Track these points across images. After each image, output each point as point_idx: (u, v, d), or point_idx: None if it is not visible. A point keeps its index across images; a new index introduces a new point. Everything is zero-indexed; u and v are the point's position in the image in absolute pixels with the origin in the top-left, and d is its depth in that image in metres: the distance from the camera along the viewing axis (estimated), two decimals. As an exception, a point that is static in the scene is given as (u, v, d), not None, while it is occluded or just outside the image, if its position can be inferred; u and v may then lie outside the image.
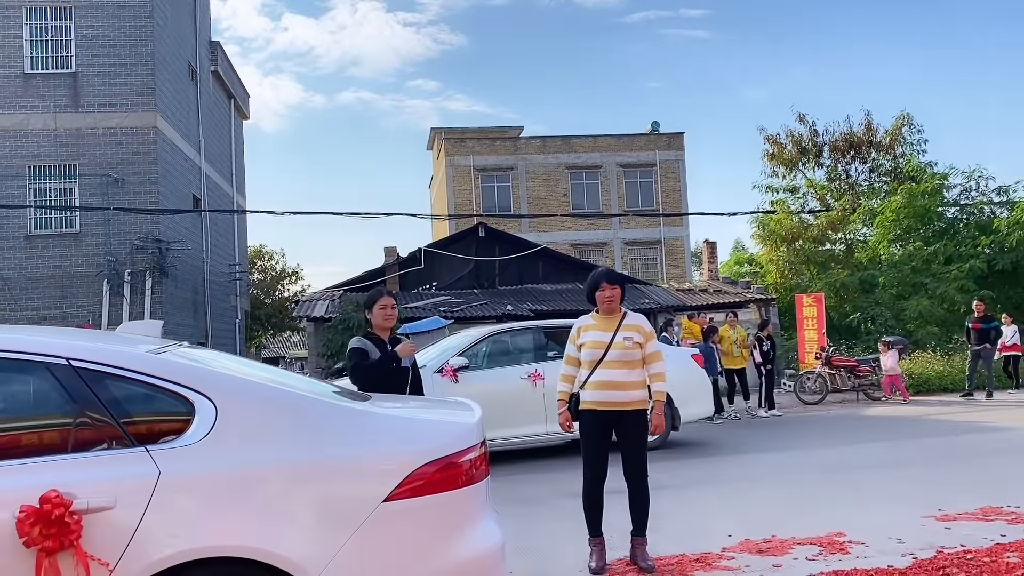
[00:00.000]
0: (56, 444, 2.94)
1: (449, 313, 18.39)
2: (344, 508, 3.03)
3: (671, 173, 38.45)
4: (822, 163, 26.29)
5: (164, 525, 2.81)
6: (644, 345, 5.06)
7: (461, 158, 37.54)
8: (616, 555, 5.28)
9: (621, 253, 37.19)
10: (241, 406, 3.08)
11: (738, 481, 7.81)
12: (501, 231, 24.63)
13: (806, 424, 12.89)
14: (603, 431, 5.06)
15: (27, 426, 3.01)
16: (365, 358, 5.24)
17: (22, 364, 2.97)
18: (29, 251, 20.03)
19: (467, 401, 3.89)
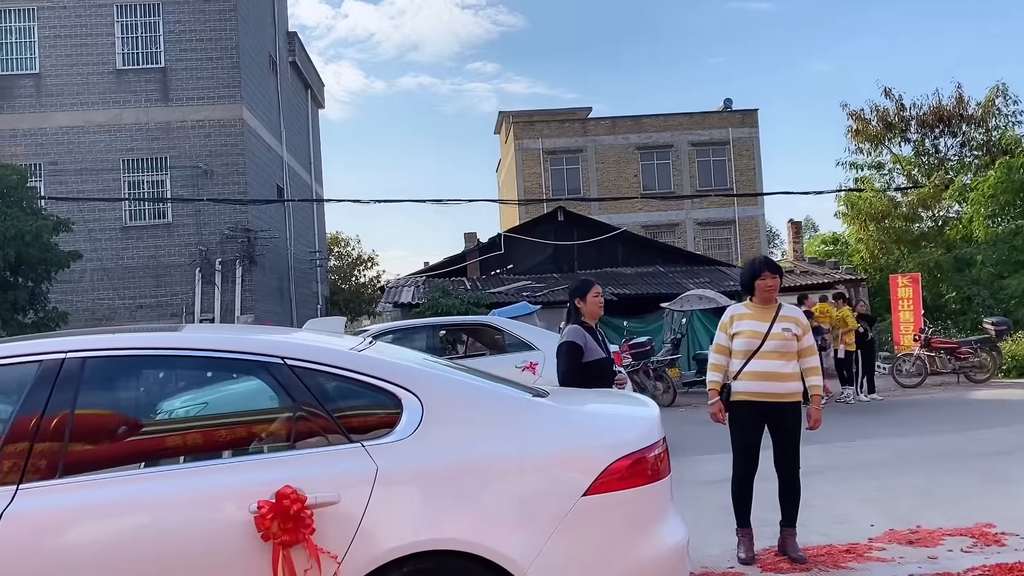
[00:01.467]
0: (278, 441, 3.05)
1: (533, 298, 18.45)
2: (548, 502, 3.06)
3: (745, 151, 37.71)
4: (909, 138, 25.43)
5: (385, 519, 2.89)
6: (801, 338, 4.99)
7: (530, 141, 37.43)
8: (760, 545, 5.25)
9: (693, 234, 36.71)
10: (445, 402, 3.14)
11: (864, 468, 7.67)
12: (580, 215, 24.54)
13: (912, 408, 12.58)
14: (758, 423, 5.02)
15: (251, 424, 3.12)
16: (579, 356, 5.15)
17: (242, 364, 3.08)
18: (125, 242, 20.74)
19: (642, 396, 3.90)
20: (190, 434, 3.09)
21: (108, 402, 3.06)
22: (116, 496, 2.81)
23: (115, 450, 3.01)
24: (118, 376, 3.07)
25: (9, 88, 20.72)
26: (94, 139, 20.67)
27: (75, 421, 2.88)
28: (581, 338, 5.20)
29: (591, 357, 5.16)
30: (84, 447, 2.94)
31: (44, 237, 14.46)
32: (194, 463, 2.97)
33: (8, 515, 2.69)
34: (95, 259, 19.60)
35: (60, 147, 20.64)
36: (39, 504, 2.74)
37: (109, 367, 3.03)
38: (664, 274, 21.08)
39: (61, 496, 2.78)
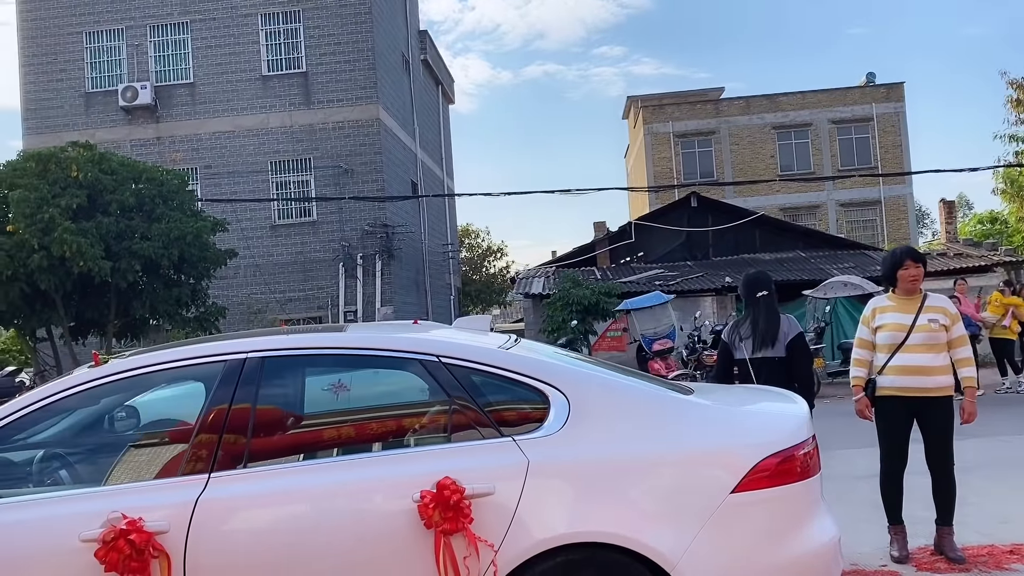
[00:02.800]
0: (434, 434, 3.24)
1: (665, 287, 18.26)
2: (696, 498, 3.11)
3: (890, 127, 35.81)
4: (1079, 105, 23.49)
5: (537, 510, 3.02)
6: (950, 328, 4.79)
7: (660, 125, 36.84)
8: (914, 544, 5.07)
9: (836, 216, 35.22)
10: (591, 398, 3.24)
11: (1016, 466, 7.21)
12: (714, 199, 24.02)
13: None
14: (906, 418, 4.86)
15: (410, 418, 3.33)
16: (729, 356, 5.19)
17: (402, 362, 3.28)
18: (275, 239, 21.95)
19: (791, 393, 3.87)
20: (356, 428, 3.33)
21: (284, 398, 3.33)
22: (293, 485, 3.07)
23: (290, 442, 3.28)
24: (292, 373, 3.33)
25: (168, 97, 22.29)
26: (243, 143, 21.96)
27: (256, 416, 3.16)
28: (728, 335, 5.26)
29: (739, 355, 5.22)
30: (265, 440, 3.22)
31: (204, 237, 15.50)
32: (360, 455, 3.20)
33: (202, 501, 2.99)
34: (248, 256, 20.85)
35: (213, 151, 22.05)
36: (229, 492, 3.03)
37: (284, 365, 3.29)
38: (805, 259, 20.36)
39: (247, 485, 3.06)
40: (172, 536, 2.91)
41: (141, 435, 3.45)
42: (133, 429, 3.55)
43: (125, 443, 3.36)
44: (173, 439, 3.30)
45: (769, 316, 5.12)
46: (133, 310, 15.49)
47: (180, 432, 3.28)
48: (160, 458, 3.23)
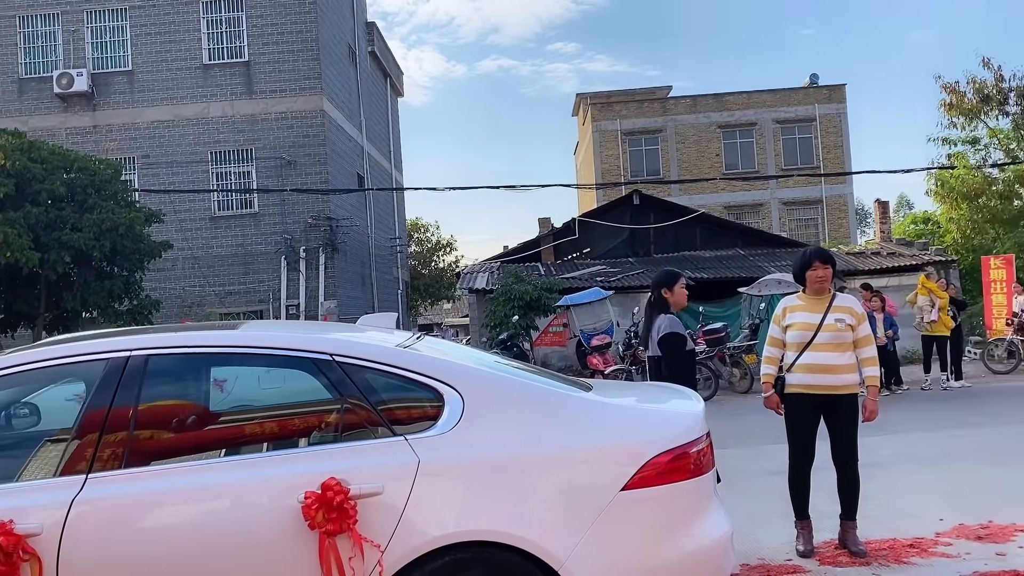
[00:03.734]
0: (325, 434, 3.21)
1: (607, 283, 18.40)
2: (586, 496, 3.14)
3: (832, 128, 36.63)
4: (1007, 111, 24.18)
5: (427, 510, 3.02)
6: (856, 328, 4.92)
7: (608, 122, 37.16)
8: (821, 538, 5.19)
9: (779, 214, 35.91)
10: (487, 397, 3.25)
11: (940, 460, 7.45)
12: (656, 197, 24.26)
13: (1001, 396, 12.09)
14: (813, 415, 4.98)
15: (301, 418, 3.30)
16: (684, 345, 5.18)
17: (293, 360, 3.25)
18: (214, 231, 21.57)
19: (686, 390, 3.93)
20: (245, 428, 3.29)
21: (170, 398, 3.27)
22: (175, 485, 3.02)
23: (174, 443, 3.22)
24: (178, 373, 3.28)
25: (105, 85, 21.73)
26: (183, 132, 21.52)
27: (139, 416, 3.09)
28: (681, 327, 5.24)
29: (690, 346, 5.33)
30: (146, 440, 3.16)
31: (137, 228, 15.18)
32: (246, 455, 3.16)
33: (78, 502, 2.92)
34: (186, 248, 20.46)
35: (152, 140, 21.56)
36: (108, 493, 2.96)
37: (170, 364, 3.23)
38: (744, 257, 20.68)
39: (127, 485, 3.00)
40: (45, 538, 2.84)
41: (21, 435, 3.36)
42: (32, 427, 3.47)
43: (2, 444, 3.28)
44: (54, 439, 3.22)
45: (647, 317, 5.33)
46: (64, 302, 15.12)
47: (61, 432, 3.20)
48: (39, 459, 3.15)
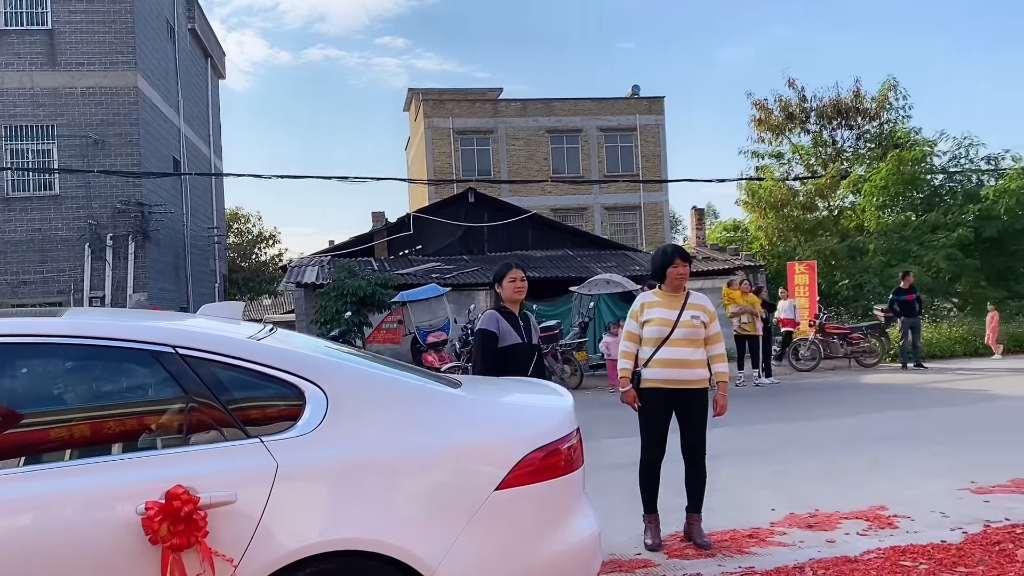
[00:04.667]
0: (167, 437, 2.83)
1: (441, 280, 18.27)
2: (459, 498, 2.96)
3: (651, 138, 38.43)
4: (808, 129, 26.30)
5: (286, 519, 2.72)
6: (709, 325, 5.04)
7: (440, 120, 37.13)
8: (666, 531, 5.28)
9: (601, 218, 37.23)
10: (351, 393, 2.99)
11: (764, 452, 7.84)
12: (490, 196, 24.42)
13: (808, 392, 13.03)
14: (667, 409, 5.05)
15: (139, 418, 2.88)
16: (494, 343, 4.94)
17: (129, 353, 2.84)
18: (7, 214, 19.49)
19: (554, 385, 3.83)
20: (71, 429, 2.83)
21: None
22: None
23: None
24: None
25: None
26: (-29, 103, 19.28)
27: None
28: (495, 324, 5.01)
29: (505, 343, 4.99)
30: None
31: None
32: (76, 461, 2.72)
33: None
34: (-27, 232, 18.35)
35: (-67, 110, 19.18)
36: None
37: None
38: (573, 258, 21.20)
39: None
40: None
41: None
42: None
43: None
44: None
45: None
46: None
47: None
48: None
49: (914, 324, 15.63)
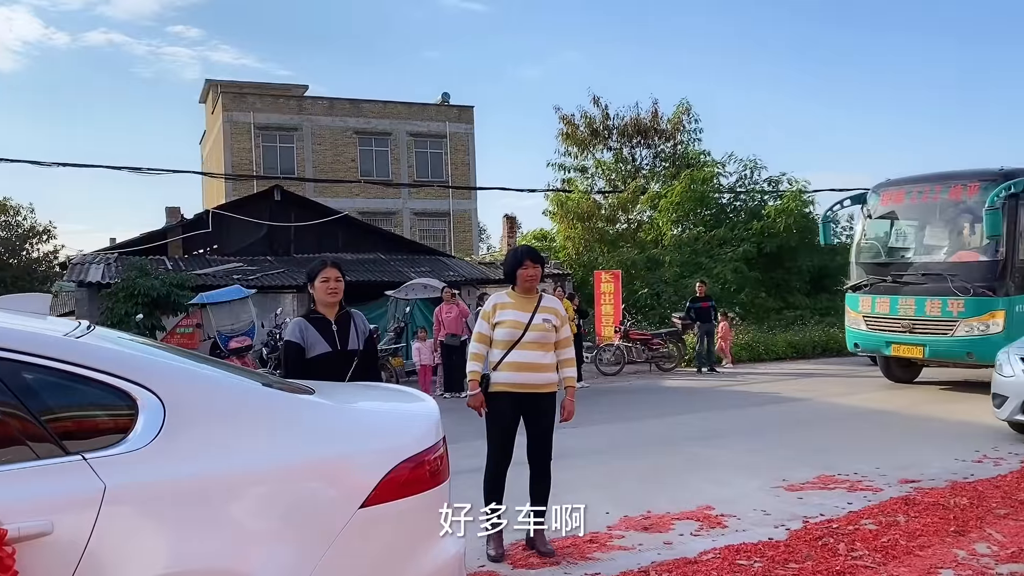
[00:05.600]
0: (-40, 455, 2.28)
1: (245, 281, 17.25)
2: (320, 518, 2.62)
3: (461, 146, 38.72)
4: (611, 146, 27.50)
5: (117, 550, 2.27)
6: (559, 329, 4.94)
7: (241, 114, 35.46)
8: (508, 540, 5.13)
9: (410, 224, 36.98)
10: (193, 401, 2.57)
11: (589, 455, 7.90)
12: (299, 195, 23.43)
13: (617, 395, 13.45)
14: (515, 413, 4.90)
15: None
16: (300, 354, 4.35)
17: (-92, 352, 2.26)
18: None
19: (417, 392, 3.56)
20: None
21: None
22: None
23: None
24: None
25: None
26: None
27: None
28: (298, 334, 4.40)
29: (313, 353, 4.39)
30: None
31: None
32: None
33: None
34: None
35: None
36: None
37: None
38: (386, 262, 20.76)
39: None
40: None
41: None
42: None
43: None
44: None
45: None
46: None
47: None
48: None
49: (708, 330, 16.64)
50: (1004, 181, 11.28)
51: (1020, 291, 11.32)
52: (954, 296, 11.41)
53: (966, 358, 11.53)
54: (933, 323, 11.71)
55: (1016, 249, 11.37)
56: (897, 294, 12.21)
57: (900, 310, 12.12)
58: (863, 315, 12.75)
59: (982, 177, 11.74)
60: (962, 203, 11.91)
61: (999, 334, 10.98)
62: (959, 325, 11.40)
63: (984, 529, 5.24)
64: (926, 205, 12.54)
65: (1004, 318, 11.12)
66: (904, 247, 13.00)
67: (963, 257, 11.81)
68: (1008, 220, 11.24)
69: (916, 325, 11.89)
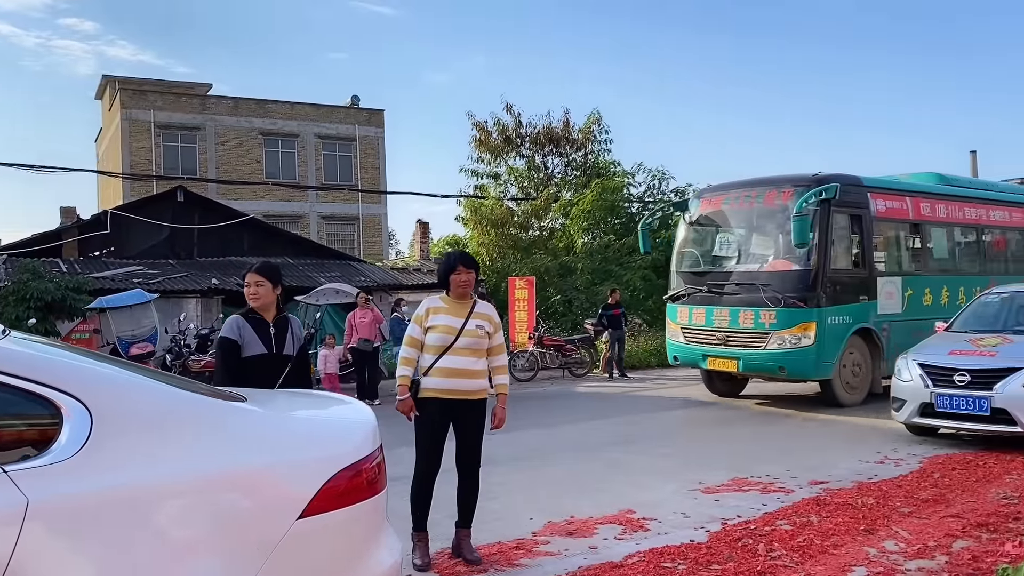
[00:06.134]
0: None
1: (146, 285, 16.58)
2: (258, 530, 2.53)
3: (371, 149, 38.30)
4: (524, 154, 27.68)
5: (40, 567, 2.13)
6: (492, 335, 4.91)
7: (140, 112, 34.19)
8: (433, 548, 5.07)
9: (317, 227, 36.30)
10: (122, 410, 2.43)
11: (511, 462, 7.87)
12: (203, 197, 22.65)
13: (531, 401, 13.48)
14: (444, 420, 4.84)
15: None
16: (235, 352, 4.28)
17: None
18: None
19: (351, 399, 3.47)
20: None
21: None
22: None
23: None
24: None
25: None
26: None
27: None
28: (236, 331, 4.36)
29: (248, 352, 4.34)
30: None
31: None
32: None
33: None
34: None
35: None
36: None
37: None
38: (294, 266, 20.28)
39: None
40: None
41: None
42: None
43: None
44: None
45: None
46: None
47: None
48: None
49: (620, 336, 16.93)
50: (817, 186, 10.89)
51: (833, 302, 10.95)
52: (766, 307, 10.92)
53: (779, 372, 11.13)
54: (747, 335, 11.24)
55: (828, 257, 10.93)
56: (713, 305, 11.70)
57: (716, 321, 11.62)
58: (681, 326, 12.30)
59: (795, 182, 11.29)
60: (776, 209, 11.30)
61: (810, 347, 10.69)
62: (771, 338, 10.94)
63: (891, 527, 5.48)
64: (742, 212, 12.03)
65: (815, 330, 10.68)
66: (721, 255, 12.32)
67: (777, 266, 11.31)
68: (820, 227, 10.82)
69: (731, 337, 11.42)
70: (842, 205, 11.21)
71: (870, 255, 11.60)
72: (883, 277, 11.73)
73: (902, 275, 12.13)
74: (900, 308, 11.86)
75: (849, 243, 11.54)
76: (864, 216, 11.55)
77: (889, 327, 11.62)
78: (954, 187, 13.72)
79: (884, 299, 11.66)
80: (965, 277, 13.09)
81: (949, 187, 13.61)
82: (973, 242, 13.67)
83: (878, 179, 12.49)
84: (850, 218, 11.46)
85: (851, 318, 11.19)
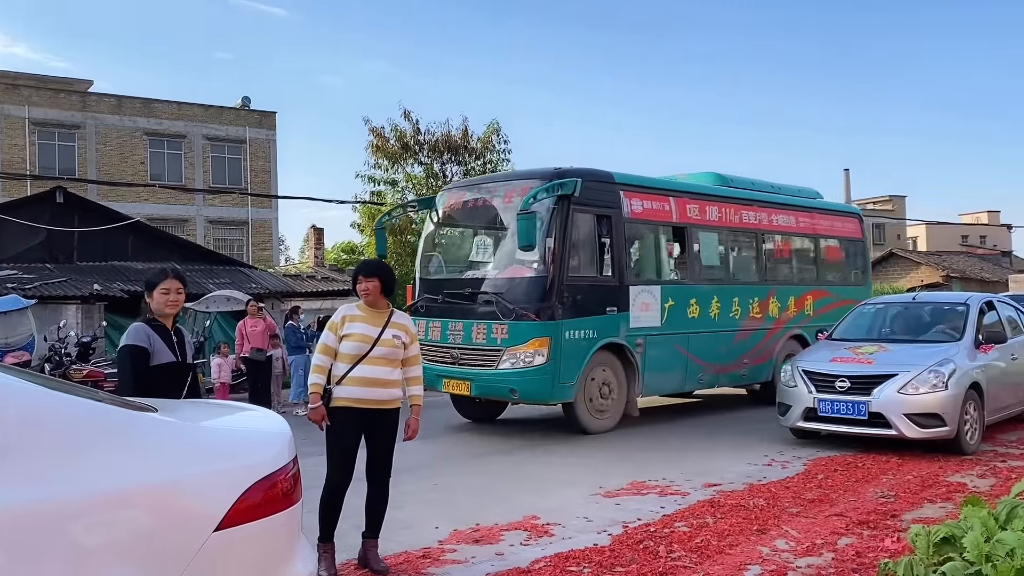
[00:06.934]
0: None
1: (22, 291, 15.64)
2: (171, 544, 2.47)
3: (262, 153, 37.41)
4: (422, 161, 27.55)
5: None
6: (409, 346, 4.89)
7: (14, 108, 32.41)
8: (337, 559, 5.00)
9: (204, 231, 35.13)
10: (22, 420, 2.33)
11: (409, 471, 7.71)
12: (85, 198, 21.56)
13: (432, 409, 13.12)
14: (357, 430, 4.79)
15: None
16: (145, 360, 4.18)
17: None
18: None
19: (264, 410, 3.41)
20: None
21: None
22: None
23: None
24: None
25: None
26: None
27: None
28: (145, 339, 4.32)
29: (157, 360, 4.33)
30: None
31: None
32: None
33: None
34: None
35: None
36: None
37: None
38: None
39: None
40: None
41: None
42: None
43: None
44: None
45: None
46: None
47: None
48: None
49: None
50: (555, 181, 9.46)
51: (573, 314, 9.44)
52: (499, 320, 9.38)
53: (510, 395, 9.56)
54: (479, 352, 9.62)
55: (567, 263, 9.43)
56: (448, 317, 10.00)
57: (450, 337, 9.94)
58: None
59: (534, 177, 9.86)
60: (515, 208, 9.48)
61: (544, 366, 9.20)
62: (503, 355, 9.36)
63: (781, 527, 5.76)
64: (483, 210, 10.50)
65: (549, 347, 9.20)
66: (459, 260, 10.93)
67: (510, 273, 9.76)
68: (557, 228, 9.36)
69: (464, 355, 9.76)
70: (586, 204, 9.71)
71: (621, 261, 10.10)
72: (637, 286, 10.25)
73: (662, 284, 10.71)
74: (659, 321, 10.47)
75: (595, 247, 9.91)
76: (614, 217, 10.10)
77: (644, 342, 10.27)
78: (732, 188, 12.36)
79: (638, 311, 10.19)
80: (741, 287, 11.93)
81: (725, 188, 12.26)
82: (752, 249, 12.40)
83: (635, 176, 10.87)
84: (596, 219, 9.91)
85: (596, 332, 9.72)
